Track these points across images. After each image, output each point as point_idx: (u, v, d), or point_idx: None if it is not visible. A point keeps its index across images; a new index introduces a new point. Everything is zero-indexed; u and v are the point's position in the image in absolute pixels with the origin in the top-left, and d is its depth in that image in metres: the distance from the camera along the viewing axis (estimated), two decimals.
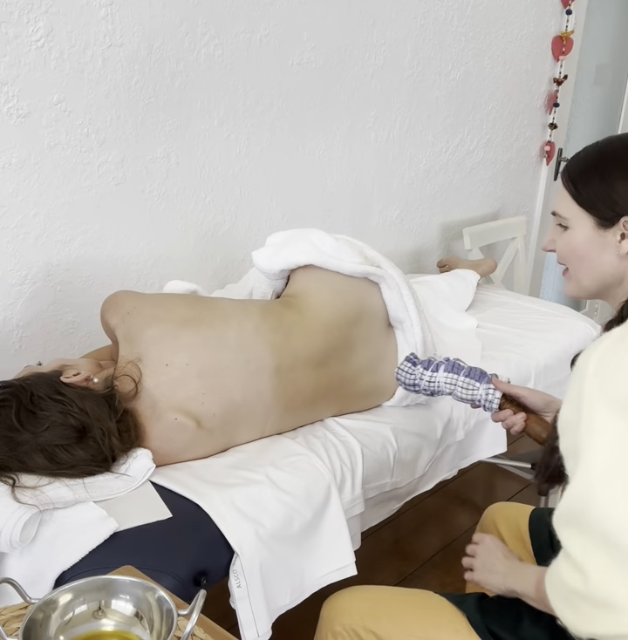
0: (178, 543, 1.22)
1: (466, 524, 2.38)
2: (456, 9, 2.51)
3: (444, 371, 1.40)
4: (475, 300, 2.31)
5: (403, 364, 1.45)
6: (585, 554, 0.82)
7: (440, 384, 1.40)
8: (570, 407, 0.87)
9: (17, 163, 1.59)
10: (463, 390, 1.37)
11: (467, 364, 1.41)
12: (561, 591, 0.87)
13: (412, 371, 1.43)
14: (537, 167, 3.22)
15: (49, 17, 1.55)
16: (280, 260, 1.68)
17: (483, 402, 1.35)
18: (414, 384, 1.43)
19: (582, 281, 1.11)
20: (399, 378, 1.45)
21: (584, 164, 1.08)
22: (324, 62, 2.16)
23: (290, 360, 1.50)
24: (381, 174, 2.48)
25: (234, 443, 1.49)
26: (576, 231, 1.08)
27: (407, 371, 1.44)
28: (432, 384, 1.41)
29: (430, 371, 1.41)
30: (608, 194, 1.04)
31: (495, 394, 1.34)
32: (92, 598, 0.84)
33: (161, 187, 1.87)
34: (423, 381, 1.42)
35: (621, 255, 1.04)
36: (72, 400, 1.32)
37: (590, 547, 0.81)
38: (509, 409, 1.33)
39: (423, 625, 1.19)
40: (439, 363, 1.42)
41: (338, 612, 1.25)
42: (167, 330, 1.43)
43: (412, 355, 1.46)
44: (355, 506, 1.45)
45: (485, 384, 1.36)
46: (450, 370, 1.39)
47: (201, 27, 1.83)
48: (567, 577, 0.84)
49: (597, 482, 0.80)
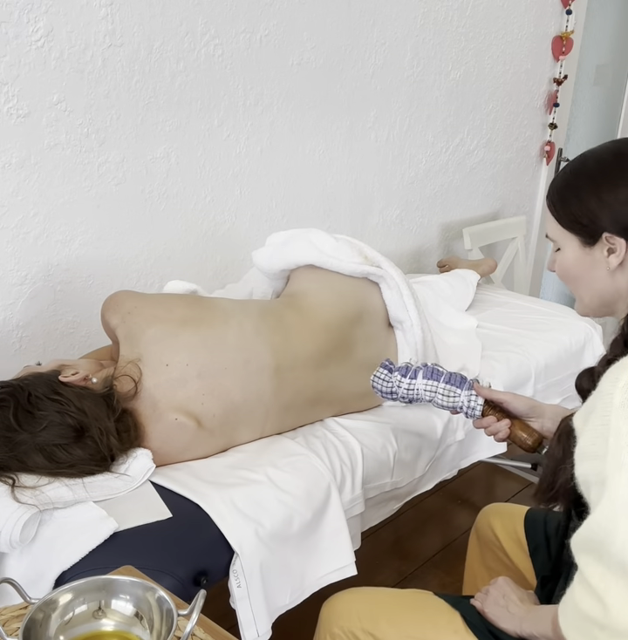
0: (178, 543, 1.22)
1: (466, 524, 2.38)
2: (456, 9, 2.51)
3: (423, 378, 1.34)
4: (475, 300, 2.31)
5: (379, 372, 1.38)
6: (605, 584, 0.81)
7: (419, 391, 1.34)
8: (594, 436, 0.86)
9: (17, 163, 1.59)
10: (444, 397, 1.32)
11: (446, 370, 1.35)
12: (577, 621, 0.86)
13: (389, 379, 1.37)
14: (537, 167, 3.22)
15: (49, 17, 1.55)
16: (280, 260, 1.68)
17: (465, 409, 1.31)
18: (392, 391, 1.37)
19: (583, 299, 1.10)
20: (374, 386, 1.39)
21: (561, 185, 1.08)
22: (324, 62, 2.16)
23: (290, 360, 1.50)
24: (381, 174, 2.48)
25: (234, 443, 1.49)
26: (566, 252, 1.08)
27: (384, 378, 1.37)
28: (410, 392, 1.35)
29: (408, 378, 1.35)
30: (584, 213, 1.03)
31: (478, 400, 1.29)
32: (92, 598, 0.84)
33: (161, 187, 1.88)
34: (401, 389, 1.35)
35: (611, 271, 1.03)
36: (70, 400, 1.32)
37: (609, 576, 0.81)
38: (493, 415, 1.28)
39: (421, 627, 1.19)
40: (417, 369, 1.35)
41: (337, 614, 1.24)
42: (168, 329, 1.43)
43: (388, 361, 1.40)
44: (355, 506, 1.45)
45: (466, 391, 1.31)
46: (429, 376, 1.33)
47: (201, 27, 1.83)
48: (585, 606, 0.84)
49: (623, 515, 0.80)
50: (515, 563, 1.42)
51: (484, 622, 1.16)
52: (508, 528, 1.43)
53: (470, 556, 1.55)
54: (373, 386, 1.40)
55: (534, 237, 3.35)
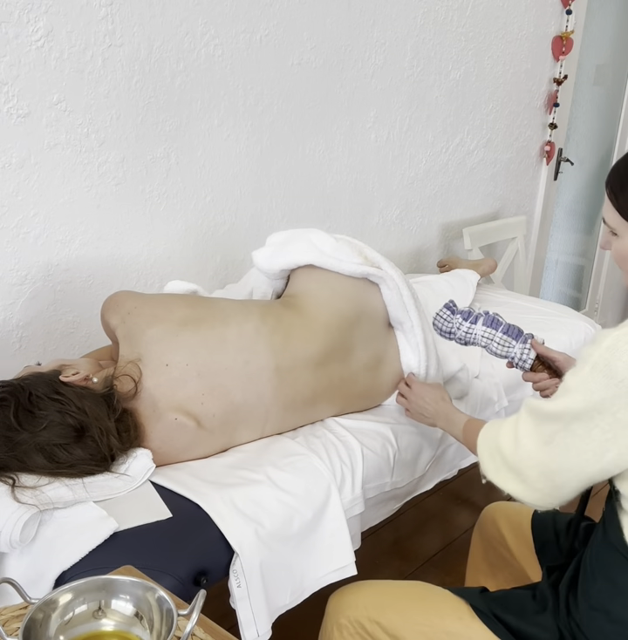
0: (178, 543, 1.22)
1: (466, 524, 2.38)
2: (456, 9, 2.51)
3: (482, 325, 1.41)
4: (475, 300, 2.31)
5: (441, 311, 1.46)
6: (527, 437, 1.06)
7: (477, 336, 1.42)
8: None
9: (17, 163, 1.59)
10: (498, 345, 1.40)
11: (506, 321, 1.43)
12: (491, 449, 1.13)
13: (451, 319, 1.45)
14: (537, 167, 3.22)
15: (49, 17, 1.55)
16: (280, 260, 1.68)
17: (517, 360, 1.38)
18: (451, 331, 1.45)
19: None
20: (435, 324, 1.47)
21: (623, 174, 1.08)
22: (324, 62, 2.16)
23: (290, 360, 1.50)
24: (381, 174, 2.48)
25: (234, 443, 1.49)
26: (625, 240, 1.09)
27: (446, 318, 1.45)
28: (468, 336, 1.43)
29: (468, 322, 1.43)
30: None
31: (530, 354, 1.37)
32: (92, 598, 0.84)
33: (161, 187, 1.88)
34: (460, 330, 1.43)
35: None
36: (70, 400, 1.32)
37: (533, 433, 1.06)
38: (544, 372, 1.36)
39: (427, 614, 1.20)
40: (478, 315, 1.44)
41: (344, 605, 1.26)
42: (168, 329, 1.43)
43: (451, 302, 1.47)
44: (355, 505, 1.45)
45: (521, 344, 1.38)
46: (489, 324, 1.41)
47: (201, 27, 1.83)
48: (503, 440, 1.11)
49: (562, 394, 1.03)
50: (517, 560, 1.43)
51: (489, 607, 1.17)
52: (514, 525, 1.44)
53: (473, 552, 1.56)
54: (434, 324, 1.48)
55: (534, 237, 3.35)
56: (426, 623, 1.19)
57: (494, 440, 1.13)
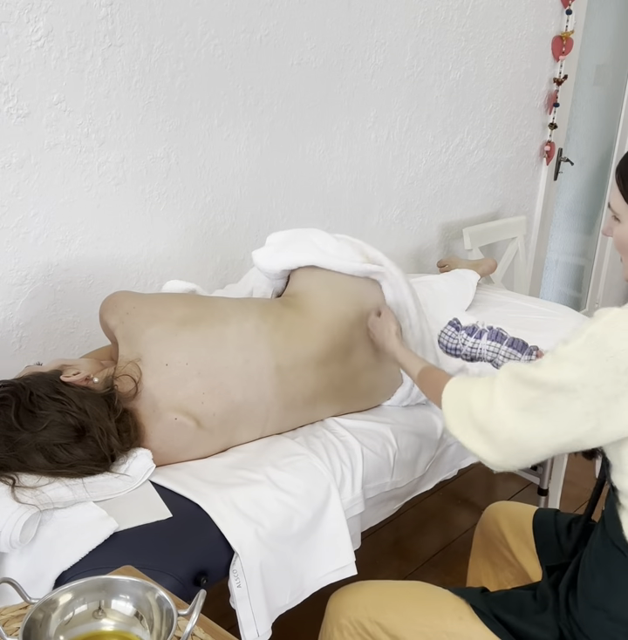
0: (178, 543, 1.22)
1: (466, 524, 2.38)
2: (456, 9, 2.51)
3: (487, 339, 1.43)
4: (475, 300, 2.31)
5: (446, 328, 1.48)
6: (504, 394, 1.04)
7: (482, 350, 1.43)
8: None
9: (17, 163, 1.59)
10: (505, 359, 1.41)
11: (510, 334, 1.45)
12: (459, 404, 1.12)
13: (456, 336, 1.47)
14: (537, 167, 3.22)
15: (49, 17, 1.55)
16: (280, 259, 1.68)
17: None
18: (456, 348, 1.47)
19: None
20: (441, 342, 1.49)
21: None
22: (324, 62, 2.16)
23: (291, 360, 1.50)
24: (381, 174, 2.48)
25: (234, 443, 1.49)
26: (626, 225, 1.11)
27: (451, 335, 1.47)
28: (474, 351, 1.45)
29: (473, 338, 1.45)
30: None
31: None
32: (92, 598, 0.84)
33: (161, 187, 1.88)
34: (465, 346, 1.45)
35: None
36: (71, 400, 1.32)
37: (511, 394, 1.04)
38: None
39: (427, 614, 1.21)
40: (482, 330, 1.45)
41: (344, 606, 1.26)
42: (167, 329, 1.43)
43: (456, 320, 1.49)
44: (355, 506, 1.45)
45: (527, 355, 1.40)
46: (493, 338, 1.43)
47: (201, 27, 1.83)
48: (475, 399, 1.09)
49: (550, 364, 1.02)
50: (518, 559, 1.43)
51: (490, 607, 1.17)
52: (515, 525, 1.44)
53: (474, 551, 1.57)
54: (439, 341, 1.50)
55: (534, 237, 3.34)
56: (427, 624, 1.19)
57: (465, 397, 1.11)
